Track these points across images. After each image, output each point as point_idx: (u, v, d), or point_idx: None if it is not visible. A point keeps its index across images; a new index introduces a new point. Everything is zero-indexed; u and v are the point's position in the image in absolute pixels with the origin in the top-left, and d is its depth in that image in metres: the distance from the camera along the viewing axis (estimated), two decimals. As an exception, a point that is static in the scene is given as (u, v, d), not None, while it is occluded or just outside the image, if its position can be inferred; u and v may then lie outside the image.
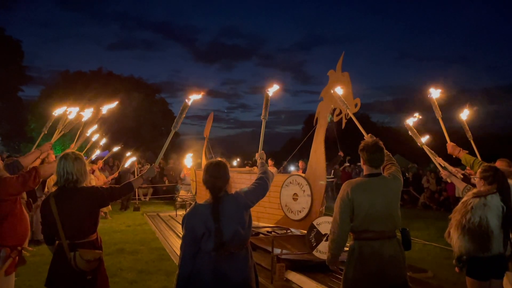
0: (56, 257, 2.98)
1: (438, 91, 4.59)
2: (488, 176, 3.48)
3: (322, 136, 5.47)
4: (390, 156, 3.44)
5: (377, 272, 2.96)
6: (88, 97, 17.71)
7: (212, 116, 10.92)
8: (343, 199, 3.07)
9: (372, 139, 3.27)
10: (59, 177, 2.97)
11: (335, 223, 3.08)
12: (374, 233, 3.02)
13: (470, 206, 3.33)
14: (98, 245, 3.08)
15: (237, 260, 2.67)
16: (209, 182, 2.73)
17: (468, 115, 4.74)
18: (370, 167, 3.16)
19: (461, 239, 3.32)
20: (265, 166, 3.13)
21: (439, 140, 4.79)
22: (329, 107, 5.40)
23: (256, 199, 2.84)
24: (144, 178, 3.36)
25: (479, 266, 3.34)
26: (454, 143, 4.47)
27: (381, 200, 3.04)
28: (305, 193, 5.46)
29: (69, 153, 3.04)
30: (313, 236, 5.17)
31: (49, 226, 2.97)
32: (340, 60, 5.42)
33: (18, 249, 3.31)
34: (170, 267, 6.27)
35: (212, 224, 2.60)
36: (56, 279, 2.96)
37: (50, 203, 2.92)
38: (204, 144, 10.41)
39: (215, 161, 2.82)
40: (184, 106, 3.46)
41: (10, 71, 26.25)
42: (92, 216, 3.01)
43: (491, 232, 3.25)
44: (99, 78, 28.56)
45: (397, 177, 3.21)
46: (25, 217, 3.44)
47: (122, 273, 5.95)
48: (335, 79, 5.42)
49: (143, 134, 28.38)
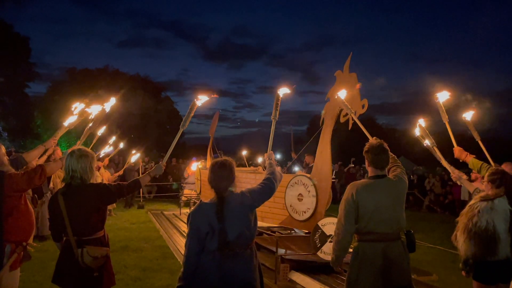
0: (63, 254, 2.99)
1: (445, 95, 4.54)
2: (495, 179, 3.46)
3: (328, 137, 5.45)
4: (395, 158, 3.42)
5: (381, 274, 2.95)
6: (91, 95, 17.72)
7: (217, 115, 10.93)
8: (348, 201, 3.06)
9: (377, 141, 3.25)
10: (66, 174, 3.00)
11: (340, 225, 3.07)
12: (379, 235, 3.01)
13: (477, 209, 3.31)
14: (105, 242, 3.09)
15: (241, 260, 2.66)
16: (214, 181, 2.72)
17: (473, 115, 4.68)
18: (375, 168, 3.15)
19: (468, 242, 3.31)
20: (273, 167, 3.08)
21: (444, 143, 4.74)
22: (336, 108, 5.38)
23: (262, 200, 2.82)
24: (152, 175, 3.36)
25: (486, 270, 3.32)
26: (461, 147, 4.44)
27: (386, 202, 3.03)
28: (310, 193, 5.44)
29: (75, 150, 3.05)
30: (317, 237, 5.16)
31: (57, 222, 2.98)
32: (348, 60, 5.39)
33: (23, 245, 3.33)
34: (174, 265, 6.28)
35: (216, 223, 2.60)
36: (63, 275, 2.97)
37: (58, 200, 2.94)
38: (210, 143, 10.43)
39: (220, 160, 2.80)
40: (193, 105, 3.45)
41: (17, 68, 26.41)
42: (99, 212, 3.02)
43: (498, 236, 3.23)
44: (105, 76, 28.65)
45: (402, 179, 3.19)
46: (31, 213, 3.45)
47: (126, 271, 5.97)
48: (342, 80, 5.40)
49: (148, 132, 28.42)
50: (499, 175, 3.48)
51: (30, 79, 29.73)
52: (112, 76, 28.88)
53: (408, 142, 8.38)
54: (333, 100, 5.48)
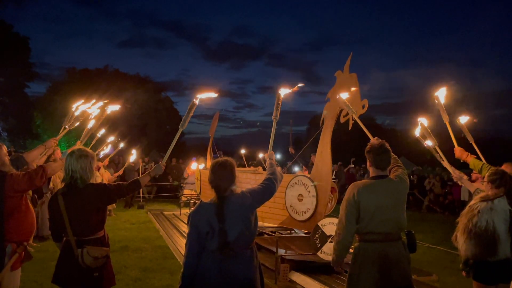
0: (63, 254, 2.99)
1: (444, 95, 4.53)
2: (495, 180, 3.46)
3: (328, 137, 5.45)
4: (396, 158, 3.42)
5: (381, 274, 2.94)
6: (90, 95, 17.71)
7: (217, 116, 10.92)
8: (349, 201, 3.05)
9: (379, 141, 3.25)
10: (66, 174, 3.00)
11: (341, 225, 3.07)
12: (380, 235, 3.01)
13: (476, 210, 3.31)
14: (106, 242, 3.08)
15: (242, 260, 2.66)
16: (214, 181, 2.71)
17: (468, 119, 4.68)
18: (376, 169, 3.15)
19: (468, 243, 3.31)
20: (274, 167, 3.07)
21: (445, 143, 4.74)
22: (336, 108, 5.38)
23: (262, 200, 2.82)
24: (152, 175, 3.35)
25: (486, 270, 3.32)
26: (462, 148, 4.44)
27: (387, 202, 3.03)
28: (310, 194, 5.44)
29: (75, 150, 3.05)
30: (317, 237, 5.16)
31: (57, 222, 2.98)
32: (348, 60, 5.39)
33: (23, 245, 3.32)
34: (174, 265, 6.28)
35: (216, 223, 2.59)
36: (63, 275, 2.96)
37: (58, 200, 2.93)
38: (209, 143, 10.43)
39: (221, 160, 2.79)
40: (192, 105, 3.45)
41: (17, 68, 26.41)
42: (99, 212, 3.02)
43: (498, 236, 3.23)
44: (105, 76, 28.67)
45: (403, 179, 3.19)
46: (31, 213, 3.44)
47: (126, 271, 5.97)
48: (342, 80, 5.40)
49: (148, 132, 28.45)
50: (498, 175, 3.49)
51: (30, 79, 29.80)
52: (111, 76, 28.91)
53: (408, 142, 8.37)
54: (333, 100, 5.48)
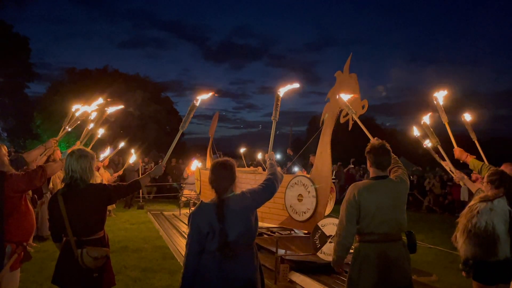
0: (63, 254, 2.99)
1: (443, 96, 4.53)
2: (494, 180, 3.46)
3: (328, 138, 5.44)
4: (397, 159, 3.43)
5: (382, 275, 2.95)
6: (90, 95, 17.71)
7: (217, 116, 10.92)
8: (350, 201, 3.06)
9: (379, 141, 3.25)
10: (66, 175, 3.00)
11: (341, 225, 3.07)
12: (380, 236, 3.01)
13: (476, 210, 3.31)
14: (105, 243, 3.08)
15: (242, 261, 2.66)
16: (214, 182, 2.71)
17: (472, 117, 4.68)
18: (376, 169, 3.15)
19: (467, 243, 3.31)
20: (274, 167, 3.06)
21: (444, 144, 4.75)
22: (336, 108, 5.38)
23: (262, 201, 2.81)
24: (152, 176, 3.35)
25: (486, 270, 3.32)
26: (461, 148, 4.44)
27: (387, 203, 3.03)
28: (310, 194, 5.44)
29: (75, 150, 3.05)
30: (317, 237, 5.16)
31: (57, 223, 2.98)
32: (348, 61, 5.39)
33: (23, 245, 3.32)
34: (174, 265, 6.28)
35: (216, 224, 2.59)
36: (63, 276, 2.96)
37: (58, 200, 2.93)
38: (209, 143, 10.42)
39: (221, 160, 2.79)
40: (192, 106, 3.45)
41: (17, 68, 26.41)
42: (99, 213, 3.02)
43: (497, 236, 3.23)
44: (105, 76, 28.65)
45: (403, 180, 3.20)
46: (31, 213, 3.44)
47: (126, 271, 5.96)
48: (342, 80, 5.40)
49: (147, 133, 28.42)
50: (498, 175, 3.49)
51: (29, 79, 29.79)
52: (111, 77, 28.89)
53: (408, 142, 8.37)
54: (333, 101, 5.48)
